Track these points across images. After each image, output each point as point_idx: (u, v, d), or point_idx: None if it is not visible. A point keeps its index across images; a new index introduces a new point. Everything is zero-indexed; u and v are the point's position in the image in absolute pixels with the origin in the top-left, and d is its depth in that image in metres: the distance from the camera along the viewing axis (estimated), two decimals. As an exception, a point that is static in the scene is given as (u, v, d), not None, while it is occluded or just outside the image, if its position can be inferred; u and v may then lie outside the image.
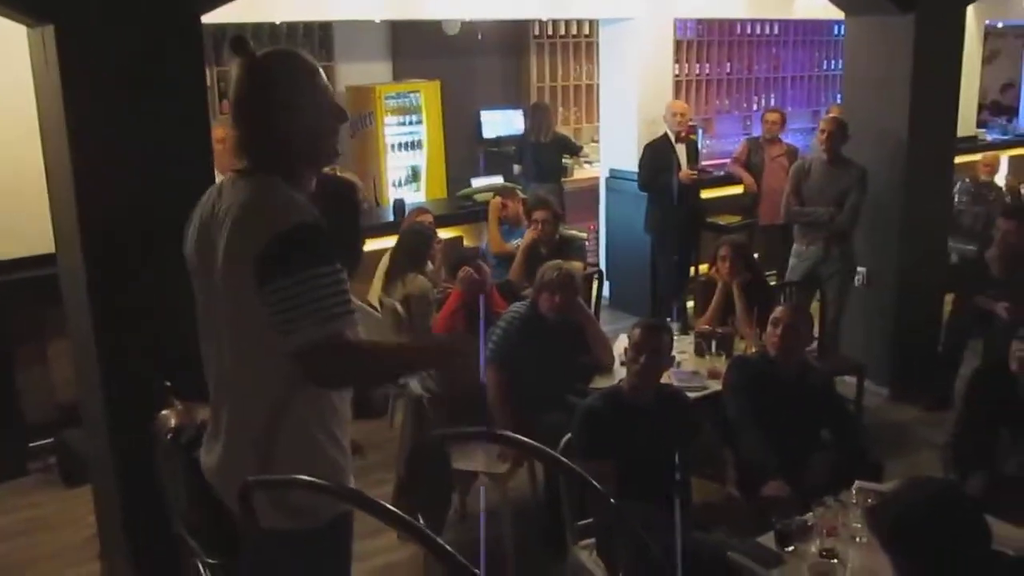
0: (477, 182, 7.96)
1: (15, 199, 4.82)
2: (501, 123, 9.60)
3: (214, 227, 2.06)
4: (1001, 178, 8.90)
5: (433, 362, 2.24)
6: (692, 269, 7.58)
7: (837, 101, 9.26)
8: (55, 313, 3.93)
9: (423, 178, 8.76)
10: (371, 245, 5.27)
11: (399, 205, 6.99)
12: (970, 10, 6.21)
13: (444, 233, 6.63)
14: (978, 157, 8.64)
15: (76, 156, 3.22)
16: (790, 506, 3.31)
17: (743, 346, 4.84)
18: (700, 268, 7.50)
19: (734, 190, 8.14)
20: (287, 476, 1.98)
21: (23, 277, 4.94)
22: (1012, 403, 3.84)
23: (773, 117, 7.91)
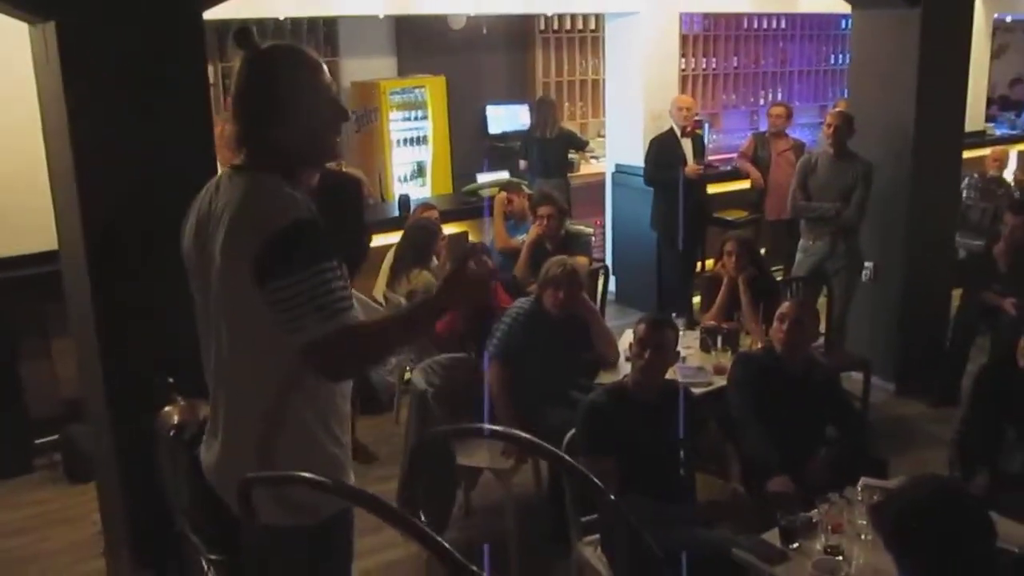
0: (482, 177, 7.94)
1: (19, 196, 4.83)
2: (507, 118, 9.58)
3: (211, 224, 2.05)
4: (1010, 173, 8.84)
5: (445, 305, 2.14)
6: (698, 264, 7.57)
7: (844, 96, 9.22)
8: (59, 309, 3.93)
9: (428, 174, 8.76)
10: (376, 241, 5.26)
11: (404, 201, 6.98)
12: (978, 4, 6.18)
13: (449, 229, 6.62)
14: (986, 152, 8.59)
15: (78, 153, 3.22)
16: (795, 502, 3.30)
17: (749, 342, 4.82)
18: (706, 263, 7.50)
19: (740, 185, 8.10)
20: (286, 472, 1.97)
21: (27, 274, 4.95)
22: (1019, 400, 3.82)
23: (778, 111, 7.87)
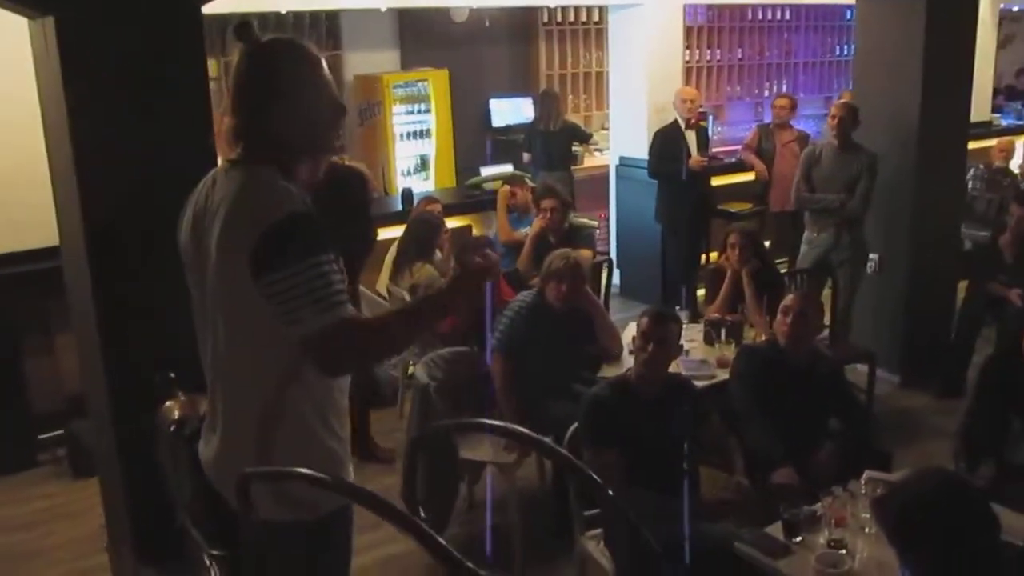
0: (486, 171, 7.92)
1: (22, 191, 4.81)
2: (510, 111, 9.55)
3: (207, 218, 2.04)
4: (1016, 164, 8.79)
5: (453, 300, 2.13)
6: (703, 257, 7.55)
7: (849, 87, 9.18)
8: (62, 305, 3.92)
9: (432, 167, 8.74)
10: (379, 234, 5.26)
11: (407, 194, 6.97)
12: (984, -7, 6.15)
13: (453, 222, 6.61)
14: (993, 142, 8.54)
15: (77, 149, 3.20)
16: (799, 494, 3.29)
17: (752, 334, 4.80)
18: (710, 256, 7.47)
19: (745, 177, 8.08)
20: (284, 468, 1.96)
21: (31, 269, 4.95)
22: (1024, 391, 3.80)
23: (782, 103, 7.84)
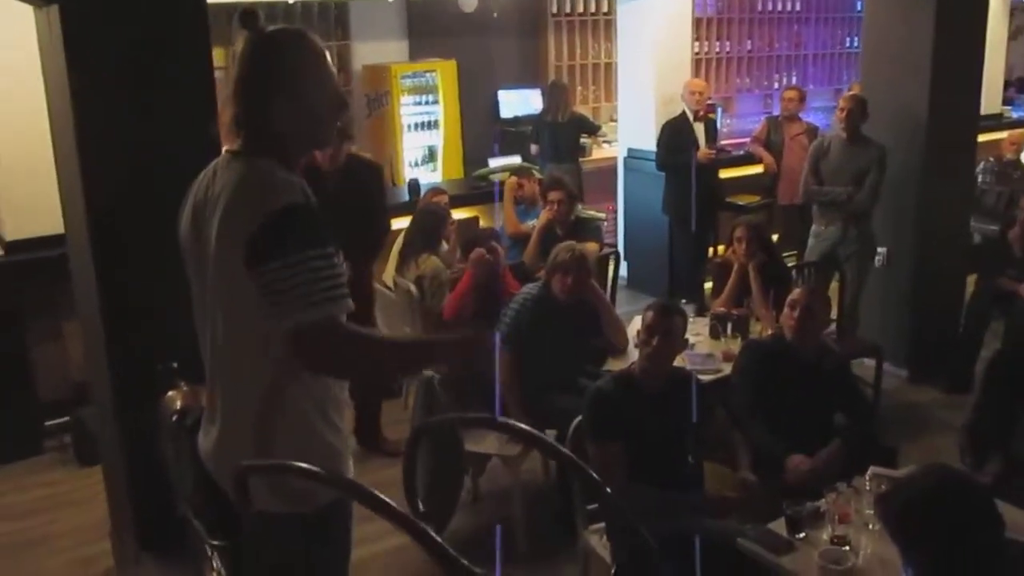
0: (494, 162, 7.89)
1: (30, 179, 4.82)
2: (518, 102, 9.52)
3: (208, 208, 2.03)
4: (1026, 157, 8.74)
5: (443, 358, 2.15)
6: (710, 249, 7.52)
7: (859, 79, 9.13)
8: (69, 292, 3.93)
9: (439, 158, 8.73)
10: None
11: (414, 185, 6.95)
12: (996, -15, 6.10)
13: (460, 213, 6.58)
14: (1003, 135, 8.49)
15: (81, 137, 3.20)
16: (815, 482, 3.30)
17: (759, 328, 4.78)
18: (718, 248, 7.45)
19: (753, 170, 8.03)
20: (280, 461, 1.95)
21: (38, 256, 4.96)
22: (1032, 386, 3.77)
23: (791, 95, 7.79)
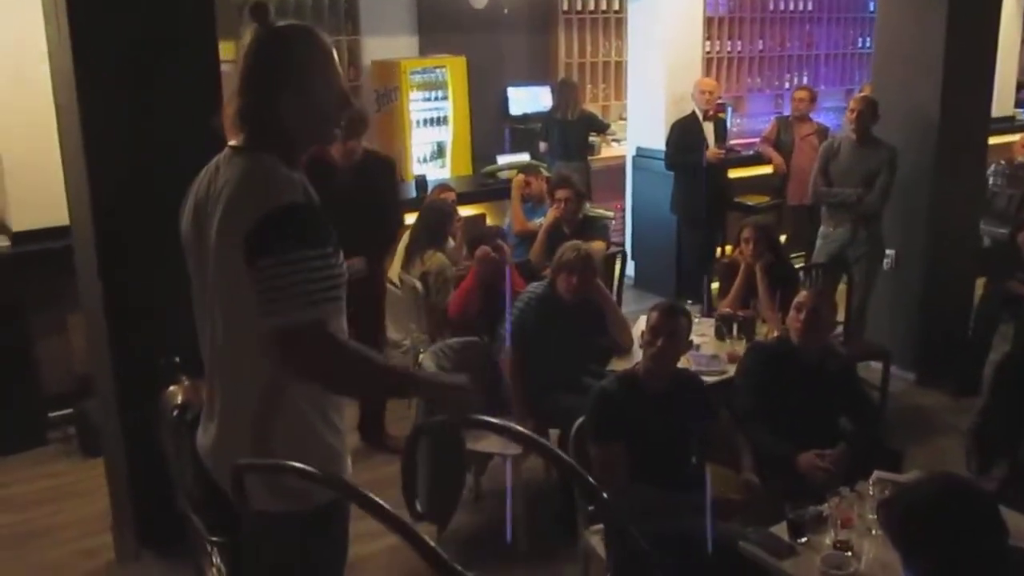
0: (503, 159, 7.88)
1: (37, 170, 4.81)
2: (528, 100, 9.48)
3: (210, 204, 2.02)
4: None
5: (426, 394, 2.15)
6: (718, 249, 7.49)
7: (871, 80, 9.08)
8: (74, 285, 3.93)
9: (448, 154, 8.70)
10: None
11: (421, 181, 6.94)
12: (1010, -16, 6.05)
13: (467, 211, 6.58)
14: (1016, 138, 8.43)
15: (87, 129, 3.20)
16: (828, 480, 3.29)
17: (765, 330, 4.75)
18: (726, 249, 7.42)
19: (763, 170, 8.01)
20: (276, 461, 1.94)
21: (43, 248, 4.95)
22: (1040, 391, 3.74)
23: (802, 95, 7.76)
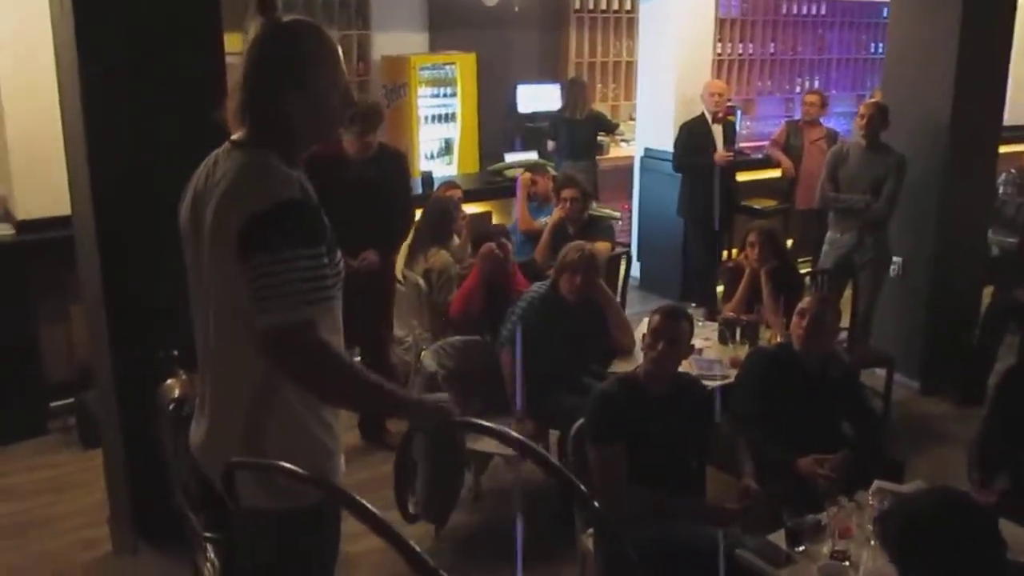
0: (511, 157, 7.85)
1: (42, 159, 4.82)
2: (537, 98, 9.43)
3: (206, 198, 2.00)
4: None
5: (410, 415, 2.14)
6: (724, 253, 7.47)
7: (881, 85, 9.05)
8: (77, 274, 3.92)
9: (456, 151, 8.69)
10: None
11: (427, 178, 6.92)
12: (1024, -12, 6.01)
13: (473, 208, 6.55)
14: (1028, 146, 8.40)
15: (89, 119, 3.20)
16: (827, 486, 3.28)
17: (768, 335, 4.73)
18: (733, 252, 7.39)
19: (771, 173, 7.97)
20: (265, 460, 1.93)
21: (47, 237, 4.95)
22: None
23: (812, 99, 7.73)
